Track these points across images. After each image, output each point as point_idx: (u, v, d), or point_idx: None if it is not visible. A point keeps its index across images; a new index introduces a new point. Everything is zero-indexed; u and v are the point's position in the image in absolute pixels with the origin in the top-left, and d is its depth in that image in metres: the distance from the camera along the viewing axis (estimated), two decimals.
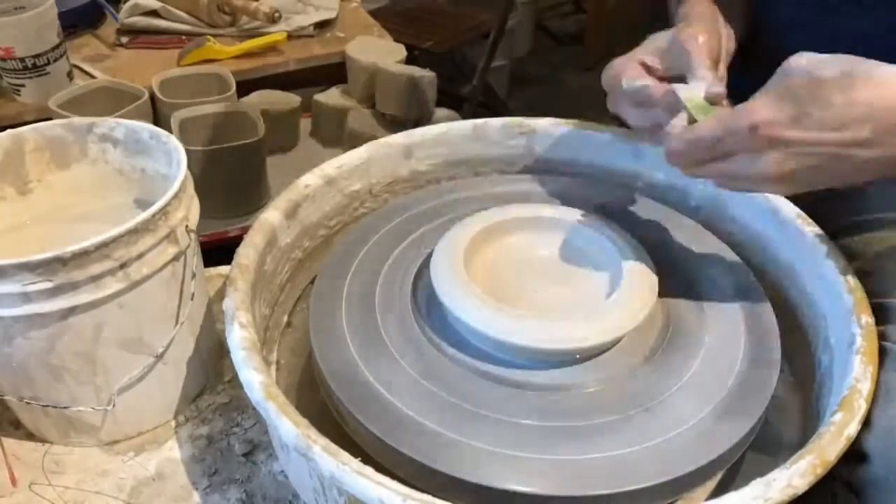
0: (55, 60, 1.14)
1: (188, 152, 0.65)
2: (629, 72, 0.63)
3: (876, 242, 0.66)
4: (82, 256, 0.55)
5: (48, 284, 0.55)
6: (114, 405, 0.64)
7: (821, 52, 0.51)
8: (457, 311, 0.57)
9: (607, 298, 0.58)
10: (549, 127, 0.79)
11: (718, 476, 0.57)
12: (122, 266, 0.57)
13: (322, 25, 1.39)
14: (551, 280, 0.63)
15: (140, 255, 0.58)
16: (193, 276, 0.64)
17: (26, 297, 0.55)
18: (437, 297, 0.59)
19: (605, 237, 0.63)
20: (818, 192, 0.55)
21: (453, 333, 0.59)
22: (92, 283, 0.57)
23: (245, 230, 0.66)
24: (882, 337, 0.57)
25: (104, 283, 0.57)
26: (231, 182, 1.06)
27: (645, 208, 0.72)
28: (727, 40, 0.68)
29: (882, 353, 0.56)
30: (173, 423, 0.70)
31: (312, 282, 0.69)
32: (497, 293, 0.61)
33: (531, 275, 0.64)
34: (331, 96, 1.29)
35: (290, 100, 1.25)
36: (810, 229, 0.65)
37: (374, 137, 0.78)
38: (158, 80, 1.14)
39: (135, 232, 0.57)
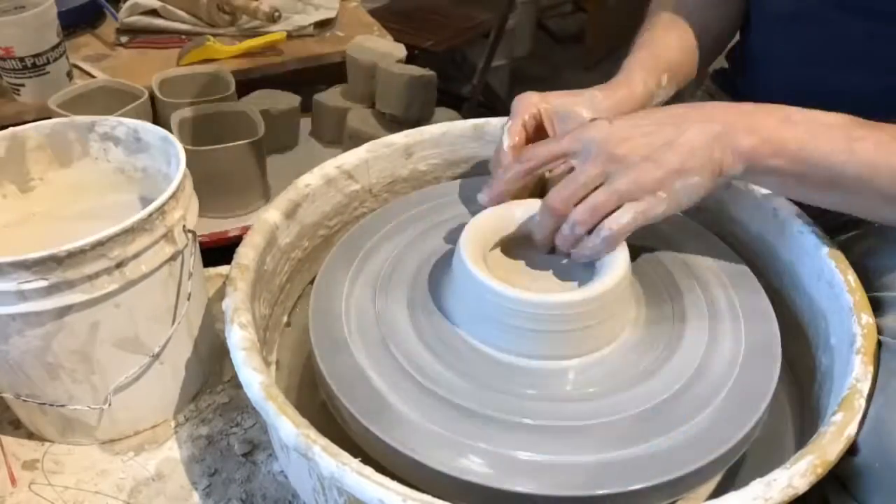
0: (55, 60, 1.14)
1: (188, 152, 0.65)
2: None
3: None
4: (78, 255, 0.55)
5: (44, 283, 0.55)
6: (110, 404, 0.64)
7: (814, 51, 0.53)
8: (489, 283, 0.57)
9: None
10: None
11: (718, 476, 0.57)
12: (119, 265, 0.57)
13: (322, 25, 1.39)
14: (546, 279, 0.63)
15: (136, 255, 0.58)
16: (191, 275, 0.64)
17: (22, 296, 0.55)
18: (470, 276, 0.58)
19: None
20: None
21: (454, 334, 0.59)
22: (88, 282, 0.56)
23: (245, 230, 0.66)
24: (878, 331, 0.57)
25: (100, 282, 0.57)
26: (231, 182, 1.05)
27: None
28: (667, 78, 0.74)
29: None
30: (173, 423, 0.70)
31: (312, 282, 0.69)
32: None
33: (526, 274, 0.63)
34: (331, 96, 1.29)
35: (290, 100, 1.24)
36: (810, 229, 0.65)
37: (374, 137, 0.78)
38: (158, 79, 1.14)
39: (131, 231, 0.57)
